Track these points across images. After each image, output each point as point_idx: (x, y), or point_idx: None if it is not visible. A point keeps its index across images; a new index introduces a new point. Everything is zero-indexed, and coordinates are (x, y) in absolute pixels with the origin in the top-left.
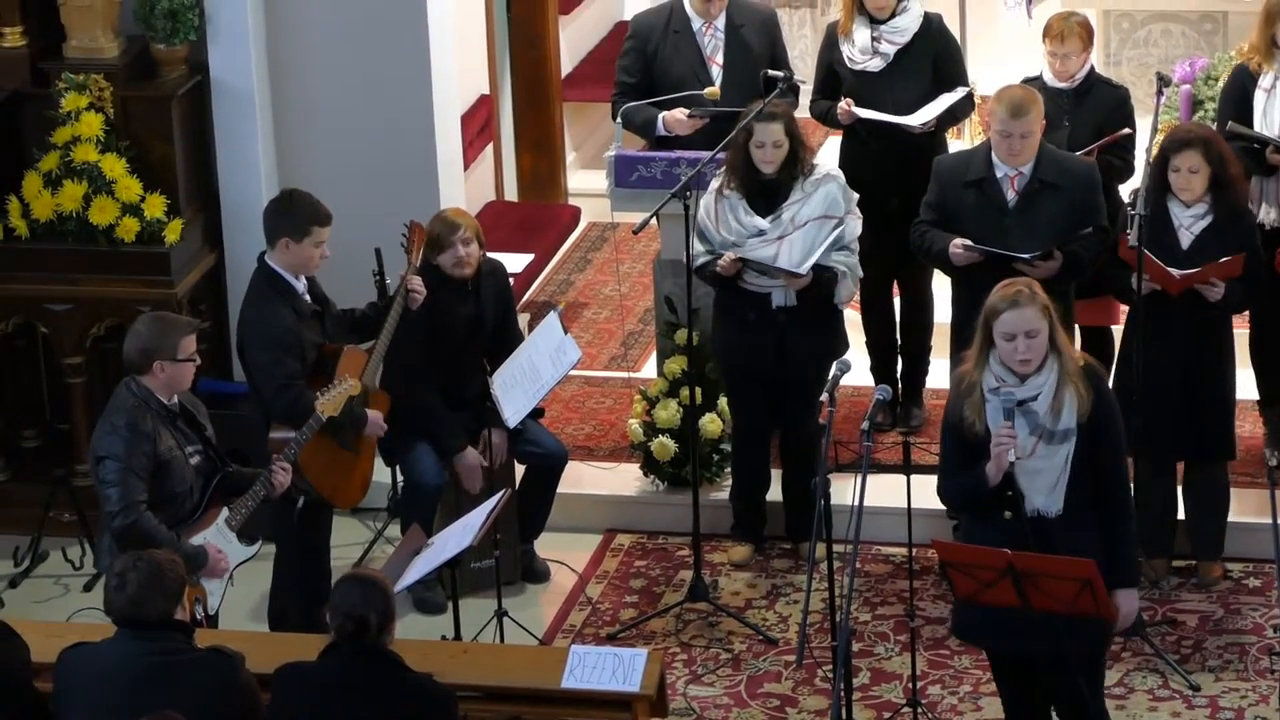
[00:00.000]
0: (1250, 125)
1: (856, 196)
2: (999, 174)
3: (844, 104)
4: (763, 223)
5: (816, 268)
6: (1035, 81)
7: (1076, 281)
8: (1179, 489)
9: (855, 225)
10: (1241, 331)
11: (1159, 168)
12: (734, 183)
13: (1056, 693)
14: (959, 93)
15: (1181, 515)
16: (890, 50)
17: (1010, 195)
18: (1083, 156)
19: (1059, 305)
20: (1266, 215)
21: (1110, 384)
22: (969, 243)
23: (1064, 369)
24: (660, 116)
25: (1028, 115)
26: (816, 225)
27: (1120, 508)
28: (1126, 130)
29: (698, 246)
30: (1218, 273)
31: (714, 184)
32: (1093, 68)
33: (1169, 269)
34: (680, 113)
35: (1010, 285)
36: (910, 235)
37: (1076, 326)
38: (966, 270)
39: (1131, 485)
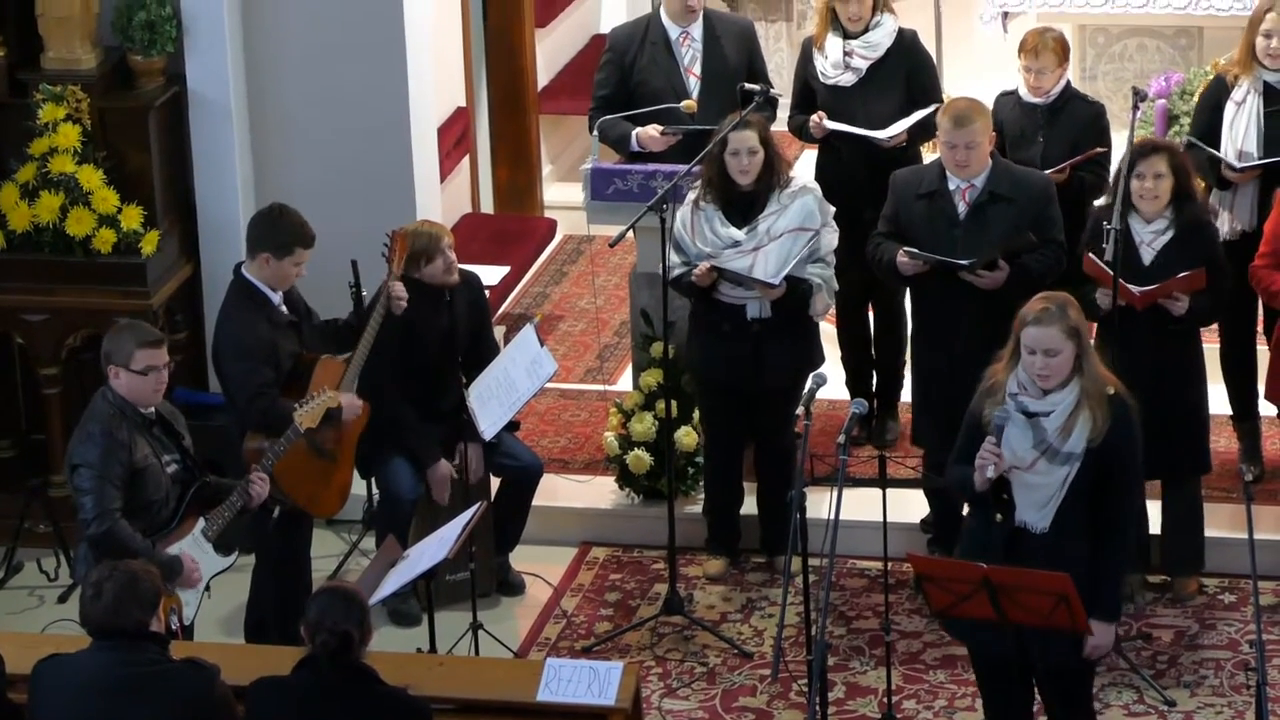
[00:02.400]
0: (1218, 136)
1: (834, 210)
2: (951, 186)
3: (815, 117)
4: (738, 234)
5: (791, 279)
6: (1010, 96)
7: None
8: (1153, 505)
9: (831, 238)
10: (1212, 346)
11: (1126, 179)
12: (710, 195)
13: (1054, 705)
14: (930, 108)
15: (1156, 531)
16: (863, 65)
17: (961, 207)
18: (1056, 172)
19: (1004, 322)
20: (1230, 227)
21: None
22: (914, 251)
23: (1085, 391)
24: (633, 133)
25: (972, 126)
26: (792, 237)
27: (1116, 541)
28: (1100, 149)
29: (674, 258)
30: (1179, 287)
31: (690, 196)
32: (1068, 83)
33: (1129, 286)
34: (653, 129)
35: (1042, 300)
36: (866, 247)
37: None
38: (918, 280)
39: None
